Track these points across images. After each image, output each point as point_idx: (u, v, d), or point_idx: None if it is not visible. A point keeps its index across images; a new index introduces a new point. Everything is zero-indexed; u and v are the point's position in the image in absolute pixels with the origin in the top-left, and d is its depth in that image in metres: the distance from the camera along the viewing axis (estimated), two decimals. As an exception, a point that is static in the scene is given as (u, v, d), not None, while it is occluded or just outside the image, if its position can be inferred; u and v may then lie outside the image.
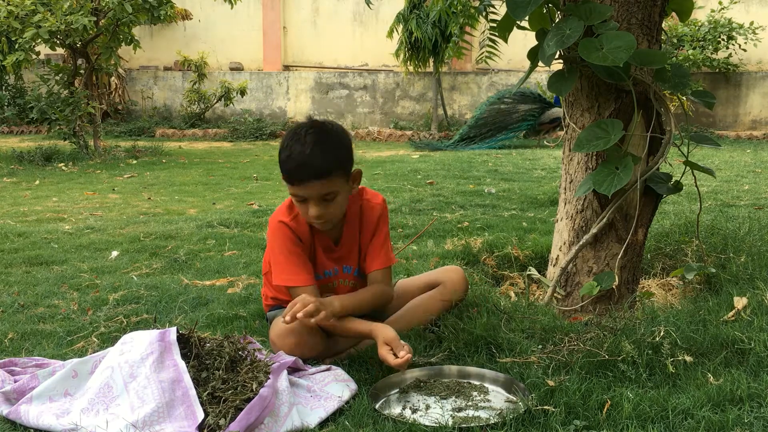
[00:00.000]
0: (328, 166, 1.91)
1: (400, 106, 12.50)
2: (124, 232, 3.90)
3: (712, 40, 10.84)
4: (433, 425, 1.59)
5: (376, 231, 2.13)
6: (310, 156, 1.89)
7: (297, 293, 1.97)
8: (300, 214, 2.02)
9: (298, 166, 1.90)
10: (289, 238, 2.02)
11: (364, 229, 2.13)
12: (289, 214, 2.05)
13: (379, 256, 2.11)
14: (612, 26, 2.06)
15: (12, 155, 7.95)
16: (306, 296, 1.90)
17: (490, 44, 3.70)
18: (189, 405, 1.57)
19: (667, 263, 2.85)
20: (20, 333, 2.26)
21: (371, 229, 2.12)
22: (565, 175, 2.48)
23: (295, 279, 2.00)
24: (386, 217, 2.16)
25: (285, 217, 2.04)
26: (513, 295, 2.64)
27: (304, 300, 1.87)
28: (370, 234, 2.12)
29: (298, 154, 1.90)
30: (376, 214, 2.13)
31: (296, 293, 1.97)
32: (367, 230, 2.12)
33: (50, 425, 1.61)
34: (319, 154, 1.90)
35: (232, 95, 11.81)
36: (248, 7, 12.72)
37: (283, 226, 2.03)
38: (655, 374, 1.83)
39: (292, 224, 2.03)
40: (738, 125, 11.45)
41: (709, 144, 2.47)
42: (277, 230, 2.04)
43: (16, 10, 7.24)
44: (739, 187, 5.32)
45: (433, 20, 10.18)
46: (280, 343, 1.96)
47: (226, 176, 6.67)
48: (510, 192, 5.24)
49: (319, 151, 1.90)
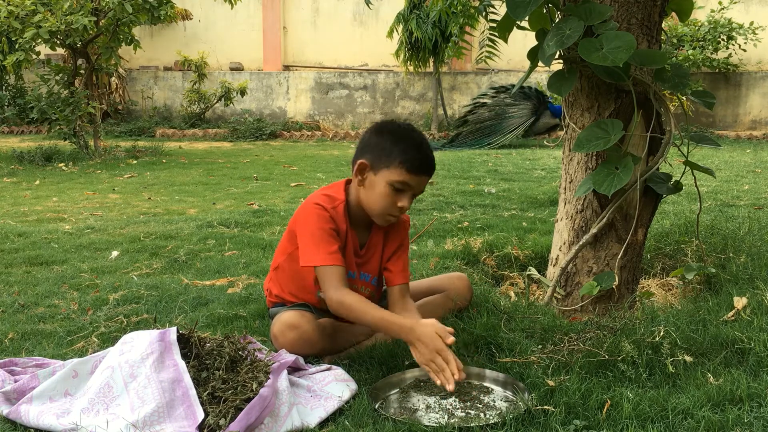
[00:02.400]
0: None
1: (400, 106, 12.50)
2: (125, 232, 3.90)
3: (712, 40, 10.85)
4: (433, 425, 1.59)
5: (403, 244, 2.14)
6: (431, 154, 1.98)
7: (329, 273, 1.91)
8: (352, 204, 2.03)
9: (428, 158, 1.96)
10: (326, 219, 1.97)
11: (390, 240, 2.13)
12: (329, 203, 2.01)
13: (404, 271, 2.11)
14: (612, 26, 2.06)
15: (12, 155, 7.95)
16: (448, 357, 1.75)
17: (489, 44, 3.70)
18: (189, 405, 1.57)
19: (667, 263, 2.85)
20: (20, 333, 2.26)
21: (399, 241, 2.13)
22: (565, 175, 2.48)
23: (329, 258, 1.92)
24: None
25: (325, 203, 2.00)
26: (513, 295, 2.64)
27: (446, 356, 1.75)
28: (396, 246, 2.13)
29: (427, 147, 1.97)
30: (406, 228, 2.17)
31: (328, 273, 1.91)
32: (393, 242, 2.13)
33: (50, 425, 1.61)
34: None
35: (232, 95, 11.82)
36: (248, 7, 12.73)
37: (321, 209, 1.98)
38: (655, 374, 1.83)
39: (331, 211, 2.00)
40: (738, 125, 11.45)
41: (709, 144, 2.47)
42: (313, 211, 1.98)
43: (16, 10, 7.24)
44: (739, 187, 5.32)
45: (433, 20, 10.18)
46: (281, 339, 1.96)
47: (226, 176, 6.67)
48: (510, 192, 5.24)
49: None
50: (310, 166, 7.53)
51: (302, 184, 6.10)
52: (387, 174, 1.94)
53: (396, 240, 2.14)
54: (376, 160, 1.96)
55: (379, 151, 1.96)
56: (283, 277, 2.15)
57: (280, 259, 2.15)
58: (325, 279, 1.92)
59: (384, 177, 1.95)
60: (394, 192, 1.96)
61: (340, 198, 2.04)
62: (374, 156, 1.97)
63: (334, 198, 2.03)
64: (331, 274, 1.92)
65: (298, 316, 1.97)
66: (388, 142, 1.96)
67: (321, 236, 1.95)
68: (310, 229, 1.97)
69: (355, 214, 2.07)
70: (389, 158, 1.94)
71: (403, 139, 1.95)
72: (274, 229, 3.98)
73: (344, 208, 2.04)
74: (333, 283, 1.91)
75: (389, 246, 2.13)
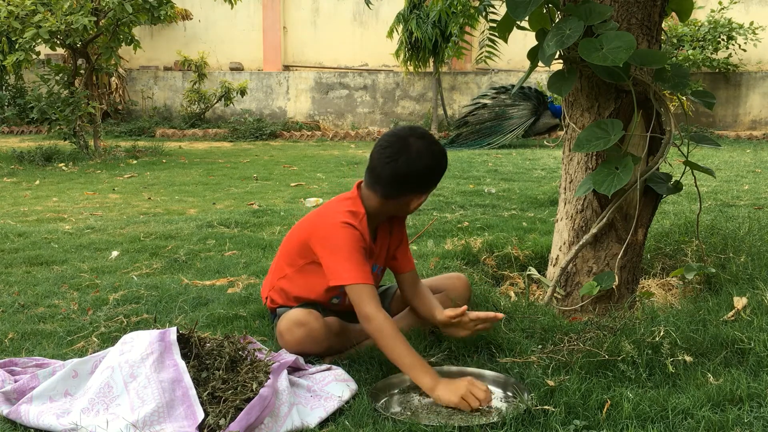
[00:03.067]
0: None
1: (400, 106, 12.50)
2: (125, 232, 3.90)
3: (712, 40, 10.85)
4: (433, 425, 1.59)
5: (404, 235, 2.22)
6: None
7: (365, 291, 1.91)
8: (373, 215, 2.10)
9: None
10: (358, 239, 1.99)
11: (395, 232, 2.19)
12: (356, 220, 2.02)
13: (410, 258, 2.21)
14: (612, 26, 2.06)
15: (12, 155, 7.95)
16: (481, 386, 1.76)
17: (489, 44, 3.70)
18: (189, 405, 1.57)
19: (667, 263, 2.85)
20: (20, 333, 2.26)
21: (401, 233, 2.21)
22: (565, 175, 2.48)
23: (365, 277, 1.94)
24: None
25: (354, 221, 2.01)
26: (513, 295, 2.64)
27: (483, 393, 1.74)
28: (400, 237, 2.20)
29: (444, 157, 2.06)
30: (404, 220, 2.25)
31: (364, 292, 1.91)
32: (398, 234, 2.20)
33: (50, 425, 1.61)
34: None
35: (232, 95, 11.82)
36: (248, 7, 12.73)
37: (353, 229, 2.00)
38: (655, 374, 1.83)
39: (360, 228, 2.01)
40: (738, 125, 11.45)
41: (709, 144, 2.47)
42: (343, 231, 1.99)
43: (16, 10, 7.24)
44: (739, 187, 5.32)
45: (433, 20, 10.18)
46: (288, 336, 1.96)
47: (226, 176, 6.67)
48: (510, 192, 5.24)
49: None
50: (310, 166, 7.53)
51: (302, 184, 6.10)
52: (423, 194, 2.07)
53: (400, 232, 2.20)
54: (418, 189, 2.04)
55: (423, 185, 2.04)
56: (289, 287, 2.14)
57: (287, 271, 2.14)
58: (362, 297, 1.91)
59: (420, 196, 2.06)
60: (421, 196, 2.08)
61: (362, 212, 2.06)
62: (418, 187, 2.03)
63: (357, 213, 2.04)
64: (366, 293, 1.91)
65: (305, 314, 1.97)
66: (428, 172, 2.02)
67: (356, 256, 1.96)
68: (343, 249, 1.97)
69: (372, 217, 2.10)
70: (429, 186, 2.06)
71: (438, 167, 2.03)
72: (274, 229, 3.98)
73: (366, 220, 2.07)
74: (372, 301, 1.90)
75: (394, 238, 2.19)
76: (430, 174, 2.02)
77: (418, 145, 1.98)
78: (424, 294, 2.14)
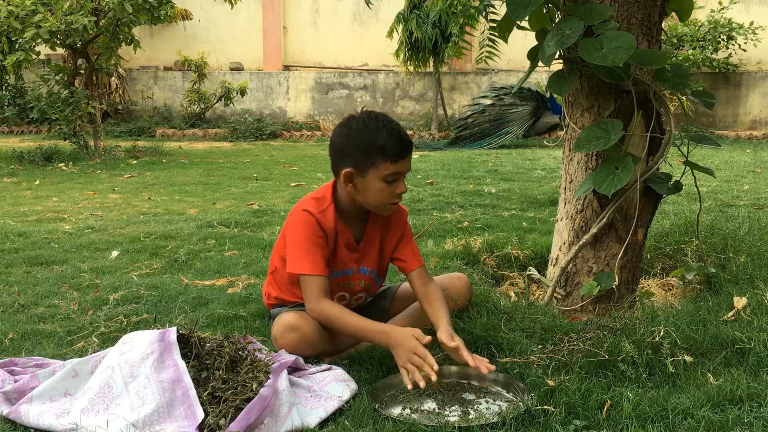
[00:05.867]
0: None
1: (400, 106, 12.50)
2: (125, 232, 3.90)
3: (712, 40, 10.85)
4: (433, 425, 1.59)
5: (404, 232, 2.17)
6: (404, 132, 2.00)
7: (311, 283, 1.95)
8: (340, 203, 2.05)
9: (403, 140, 1.97)
10: (313, 227, 1.99)
11: (391, 231, 2.15)
12: (316, 207, 2.03)
13: (416, 255, 2.15)
14: (612, 26, 2.06)
15: (12, 155, 7.95)
16: (424, 353, 1.77)
17: (490, 44, 3.70)
18: (189, 405, 1.57)
19: (667, 263, 2.85)
20: (20, 333, 2.26)
21: (400, 231, 2.16)
22: (565, 175, 2.48)
23: (313, 268, 1.96)
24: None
25: (312, 209, 2.02)
26: (513, 295, 2.64)
27: (422, 352, 1.76)
28: (398, 235, 2.15)
29: (397, 130, 1.97)
30: (404, 217, 2.19)
31: (310, 283, 1.95)
32: (394, 233, 2.15)
33: (50, 425, 1.61)
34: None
35: (232, 95, 11.82)
36: (248, 7, 12.73)
37: (308, 215, 2.01)
38: (655, 374, 1.83)
39: (318, 216, 2.01)
40: (738, 125, 11.46)
41: (709, 144, 2.47)
42: (300, 218, 2.01)
43: (16, 10, 7.24)
44: (739, 187, 5.32)
45: (433, 20, 10.20)
46: (281, 340, 1.96)
47: (226, 176, 6.67)
48: (510, 192, 5.24)
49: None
50: (310, 166, 7.53)
51: (302, 184, 6.10)
52: (375, 173, 1.96)
53: (396, 230, 2.16)
54: (359, 163, 1.97)
55: (359, 155, 1.97)
56: (280, 280, 2.16)
57: (277, 263, 2.17)
58: (306, 288, 1.96)
59: (374, 176, 1.97)
60: (388, 185, 1.99)
61: (329, 198, 2.06)
62: (355, 160, 1.98)
63: (322, 200, 2.05)
64: (312, 284, 1.95)
65: (298, 318, 1.97)
66: (362, 142, 1.96)
67: (307, 245, 1.98)
68: (298, 236, 2.00)
69: (348, 210, 2.08)
70: (371, 158, 1.95)
71: (376, 133, 1.96)
72: (274, 229, 3.98)
73: (333, 209, 2.05)
74: (314, 293, 1.95)
75: (390, 238, 2.15)
76: (362, 144, 1.95)
77: (358, 118, 2.00)
78: (432, 297, 2.04)
